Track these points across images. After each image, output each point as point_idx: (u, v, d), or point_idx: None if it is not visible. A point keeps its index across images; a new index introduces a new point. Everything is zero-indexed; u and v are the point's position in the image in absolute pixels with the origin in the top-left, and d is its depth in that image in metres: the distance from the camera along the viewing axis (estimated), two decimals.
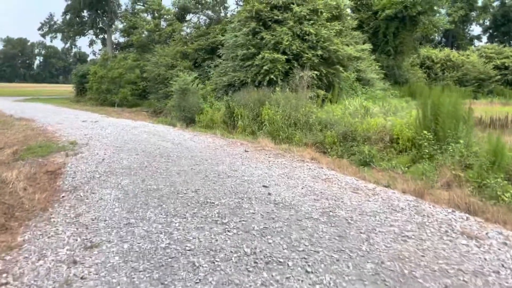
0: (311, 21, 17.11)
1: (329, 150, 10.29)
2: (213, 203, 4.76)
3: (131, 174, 6.31)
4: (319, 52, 16.40)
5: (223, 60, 19.86)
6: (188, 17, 32.39)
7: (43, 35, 44.44)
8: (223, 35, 21.11)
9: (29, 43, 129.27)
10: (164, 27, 33.18)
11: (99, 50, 43.86)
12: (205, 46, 23.78)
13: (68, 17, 42.31)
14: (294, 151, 8.99)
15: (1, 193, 5.46)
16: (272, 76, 16.28)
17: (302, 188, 5.41)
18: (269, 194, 5.13)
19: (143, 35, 33.21)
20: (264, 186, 5.53)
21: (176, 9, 32.45)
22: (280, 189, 5.41)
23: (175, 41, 27.51)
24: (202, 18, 28.26)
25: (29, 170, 6.78)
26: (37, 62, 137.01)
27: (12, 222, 4.24)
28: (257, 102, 14.41)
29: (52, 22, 43.80)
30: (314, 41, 16.68)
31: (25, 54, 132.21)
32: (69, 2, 41.08)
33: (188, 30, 28.29)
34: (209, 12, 27.33)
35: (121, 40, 40.51)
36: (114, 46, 41.77)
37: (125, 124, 13.76)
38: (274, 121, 12.54)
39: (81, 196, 5.11)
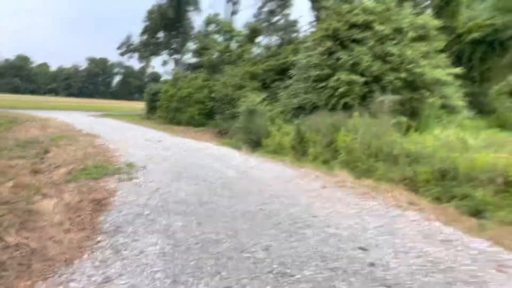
0: (394, 41, 15.36)
1: (421, 189, 8.43)
2: (293, 275, 3.32)
3: (186, 213, 5.10)
4: (403, 75, 14.58)
5: (294, 81, 18.64)
6: (258, 40, 31.89)
7: (121, 54, 46.53)
8: (295, 55, 20.03)
9: (109, 63, 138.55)
10: (234, 48, 33.06)
11: (171, 69, 44.94)
12: (275, 66, 22.80)
13: (145, 37, 43.99)
14: (383, 190, 7.34)
15: (32, 228, 4.50)
16: (347, 100, 14.69)
17: (418, 257, 3.79)
18: (372, 264, 3.59)
19: (214, 56, 33.25)
20: (361, 248, 4.00)
21: (247, 31, 32.27)
22: (385, 255, 3.84)
23: (244, 61, 26.96)
24: (273, 39, 27.51)
25: (74, 198, 5.84)
26: (115, 80, 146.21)
27: (21, 281, 3.15)
28: (331, 127, 12.88)
29: (130, 42, 45.74)
30: (397, 63, 14.90)
31: (106, 73, 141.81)
32: (147, 23, 42.74)
33: (258, 51, 27.63)
34: (281, 33, 26.48)
35: (193, 60, 41.14)
36: (186, 66, 42.52)
37: (188, 146, 12.90)
38: (352, 149, 10.90)
39: (119, 245, 3.94)
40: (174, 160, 9.41)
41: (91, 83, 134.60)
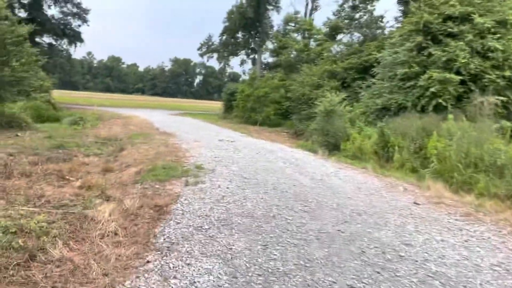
0: (497, 35, 13.35)
1: None
2: None
3: (250, 230, 4.36)
4: (507, 73, 12.62)
5: (378, 80, 17.22)
6: (339, 37, 30.50)
7: (201, 55, 47.70)
8: (379, 52, 18.54)
9: (192, 63, 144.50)
10: (313, 47, 32.07)
11: (249, 69, 45.08)
12: (357, 64, 21.41)
13: (224, 38, 44.61)
14: (490, 210, 6.01)
15: (82, 238, 4.07)
16: (440, 100, 13.07)
17: None
18: None
19: (291, 55, 32.57)
20: None
21: (327, 29, 31.08)
22: None
23: (323, 59, 25.85)
24: (355, 35, 26.00)
25: (135, 202, 5.42)
26: (197, 80, 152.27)
27: None
28: (420, 131, 11.53)
29: (210, 43, 46.68)
30: (500, 59, 12.91)
31: (188, 73, 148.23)
32: (226, 24, 43.29)
33: (338, 49, 26.30)
34: (364, 30, 24.91)
35: (270, 60, 40.89)
36: (263, 66, 42.39)
37: (261, 147, 12.27)
38: (445, 157, 9.48)
39: (169, 270, 3.31)
40: (244, 163, 8.79)
41: (174, 83, 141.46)
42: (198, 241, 3.98)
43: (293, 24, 37.74)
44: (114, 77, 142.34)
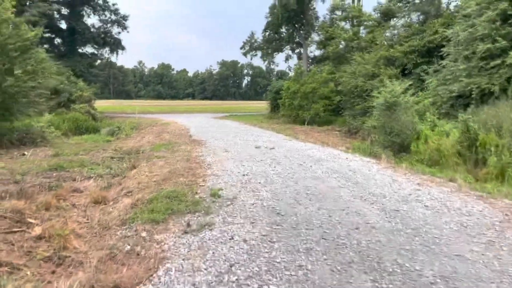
0: None
1: None
2: None
3: None
4: None
5: (449, 61, 14.04)
6: (392, 22, 27.06)
7: (245, 54, 45.54)
8: (448, 29, 15.27)
9: (239, 65, 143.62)
10: (363, 35, 28.98)
11: (294, 65, 42.34)
12: (419, 47, 18.12)
13: (267, 34, 42.25)
14: None
15: None
16: None
17: None
18: None
19: (340, 46, 29.65)
20: None
21: (378, 14, 27.90)
22: None
23: (377, 45, 22.72)
24: (413, 16, 22.48)
25: (94, 276, 3.20)
26: (245, 81, 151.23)
27: None
28: None
29: (253, 41, 44.46)
30: None
31: (236, 75, 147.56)
32: (269, 20, 40.95)
33: (395, 31, 22.96)
34: (423, 7, 21.36)
35: (317, 53, 38.04)
36: (310, 60, 39.64)
37: (307, 155, 9.71)
38: None
39: None
40: (281, 184, 6.31)
41: (222, 85, 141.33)
42: None
43: (340, 13, 34.70)
44: (164, 84, 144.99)
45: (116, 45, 38.17)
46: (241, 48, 44.89)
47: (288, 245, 3.70)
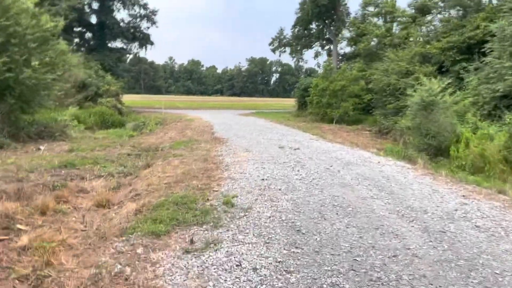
0: None
1: None
2: None
3: None
4: None
5: (493, 59, 12.88)
6: (428, 17, 25.69)
7: (273, 50, 44.63)
8: (491, 24, 14.05)
9: (268, 62, 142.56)
10: (396, 31, 27.76)
11: (324, 62, 41.16)
12: (459, 43, 16.89)
13: (296, 30, 41.30)
14: None
15: None
16: None
17: None
18: None
19: (372, 43, 28.52)
20: None
21: (413, 10, 26.63)
22: None
23: (411, 41, 21.52)
24: (454, 10, 21.08)
25: None
26: (273, 78, 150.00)
27: None
28: None
29: (282, 37, 43.55)
30: None
31: (264, 72, 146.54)
32: (299, 15, 40.00)
33: (432, 27, 21.67)
34: (464, 1, 19.98)
35: (347, 50, 36.83)
36: (339, 57, 38.46)
37: (335, 157, 8.92)
38: None
39: None
40: (304, 192, 5.58)
41: (251, 82, 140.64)
42: None
43: (372, 8, 33.43)
44: (194, 80, 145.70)
45: (145, 40, 38.14)
46: (269, 44, 44.03)
47: (308, 278, 2.98)
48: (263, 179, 6.31)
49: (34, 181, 6.41)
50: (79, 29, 35.04)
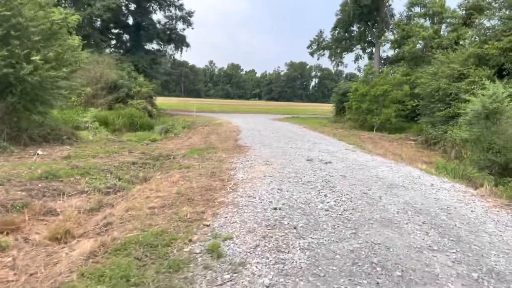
0: None
1: None
2: None
3: None
4: None
5: None
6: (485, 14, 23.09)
7: (311, 53, 42.74)
8: None
9: (307, 66, 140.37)
10: (445, 33, 25.39)
11: (365, 65, 38.92)
12: None
13: (336, 32, 39.30)
14: None
15: None
16: None
17: None
18: None
19: (418, 45, 26.27)
20: None
21: (464, 11, 24.23)
22: None
23: (461, 45, 19.21)
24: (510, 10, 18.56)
25: None
26: (312, 83, 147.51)
27: None
28: None
29: (321, 39, 41.62)
30: None
31: (304, 76, 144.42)
32: (339, 17, 38.06)
33: (489, 24, 19.20)
34: None
35: (390, 53, 34.49)
36: (382, 60, 36.13)
37: (375, 175, 7.19)
38: None
39: None
40: (328, 236, 3.93)
41: (289, 87, 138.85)
42: None
43: (419, 9, 31.03)
44: (233, 83, 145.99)
45: (180, 42, 37.45)
46: (308, 47, 42.23)
47: None
48: (275, 208, 4.72)
49: None
50: (116, 30, 34.89)
